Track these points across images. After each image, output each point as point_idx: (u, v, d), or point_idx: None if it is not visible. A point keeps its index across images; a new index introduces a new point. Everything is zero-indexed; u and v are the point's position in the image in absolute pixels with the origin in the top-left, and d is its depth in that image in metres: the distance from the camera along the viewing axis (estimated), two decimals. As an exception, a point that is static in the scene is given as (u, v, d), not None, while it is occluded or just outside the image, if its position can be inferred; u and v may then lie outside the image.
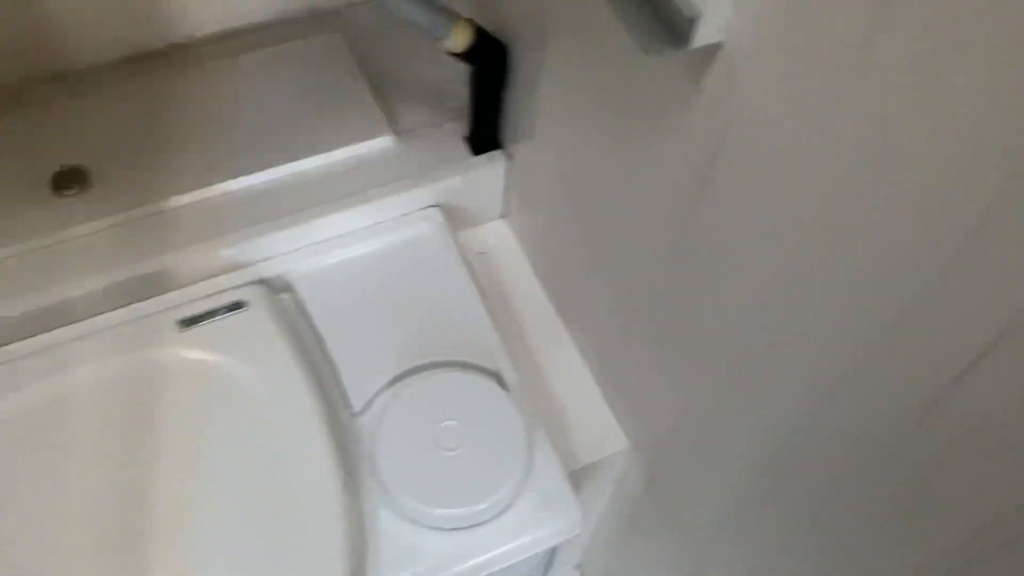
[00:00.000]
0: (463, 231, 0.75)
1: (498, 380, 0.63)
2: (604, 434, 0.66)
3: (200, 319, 0.61)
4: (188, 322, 0.61)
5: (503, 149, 0.71)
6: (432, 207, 0.71)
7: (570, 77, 0.55)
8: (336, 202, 0.67)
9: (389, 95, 0.74)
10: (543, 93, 0.60)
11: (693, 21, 0.37)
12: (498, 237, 0.76)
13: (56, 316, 0.61)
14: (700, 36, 0.37)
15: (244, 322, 0.62)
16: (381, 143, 0.70)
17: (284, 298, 0.66)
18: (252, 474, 0.56)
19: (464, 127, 0.71)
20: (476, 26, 0.60)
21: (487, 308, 0.67)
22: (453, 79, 0.74)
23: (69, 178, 0.66)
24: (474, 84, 0.66)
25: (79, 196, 0.66)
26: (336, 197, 0.67)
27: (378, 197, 0.68)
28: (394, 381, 0.63)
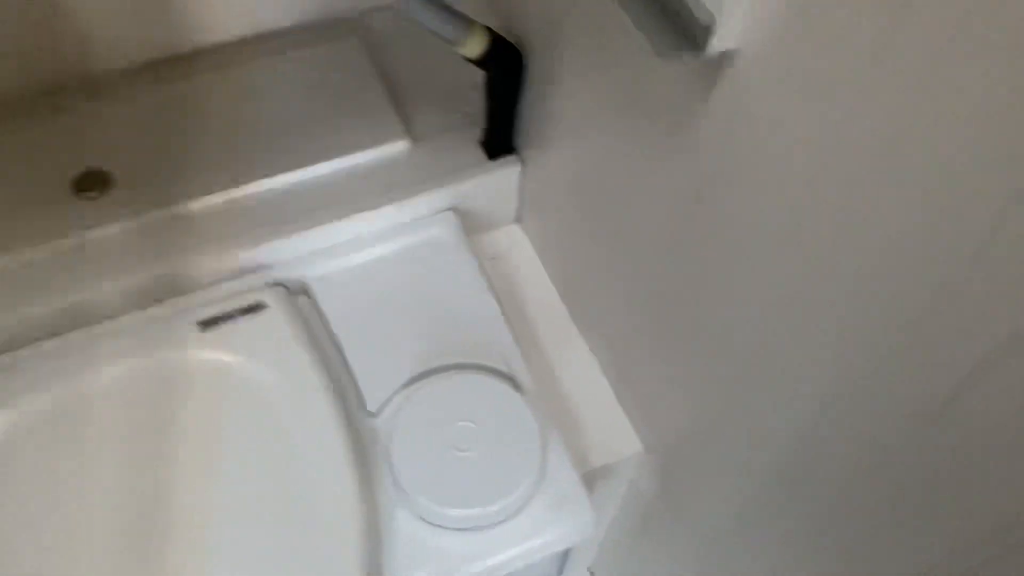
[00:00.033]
0: (478, 235, 0.75)
1: (512, 382, 0.63)
2: (617, 436, 0.66)
3: (219, 320, 0.62)
4: (208, 323, 0.62)
5: (517, 154, 0.72)
6: (447, 211, 0.71)
7: (584, 83, 0.56)
8: (353, 206, 0.68)
9: (405, 100, 0.74)
10: (557, 98, 0.61)
11: (709, 28, 0.37)
12: (512, 241, 0.77)
13: (79, 316, 0.62)
14: (715, 43, 0.38)
15: (262, 324, 0.62)
16: (397, 147, 0.71)
17: (301, 300, 0.67)
18: (269, 472, 0.57)
19: (479, 132, 0.72)
20: (492, 32, 0.61)
21: (501, 311, 0.67)
22: (468, 85, 0.75)
23: (91, 181, 0.68)
24: (489, 89, 0.67)
25: (101, 199, 0.67)
26: (353, 201, 0.68)
27: (394, 201, 0.68)
28: (409, 383, 0.64)
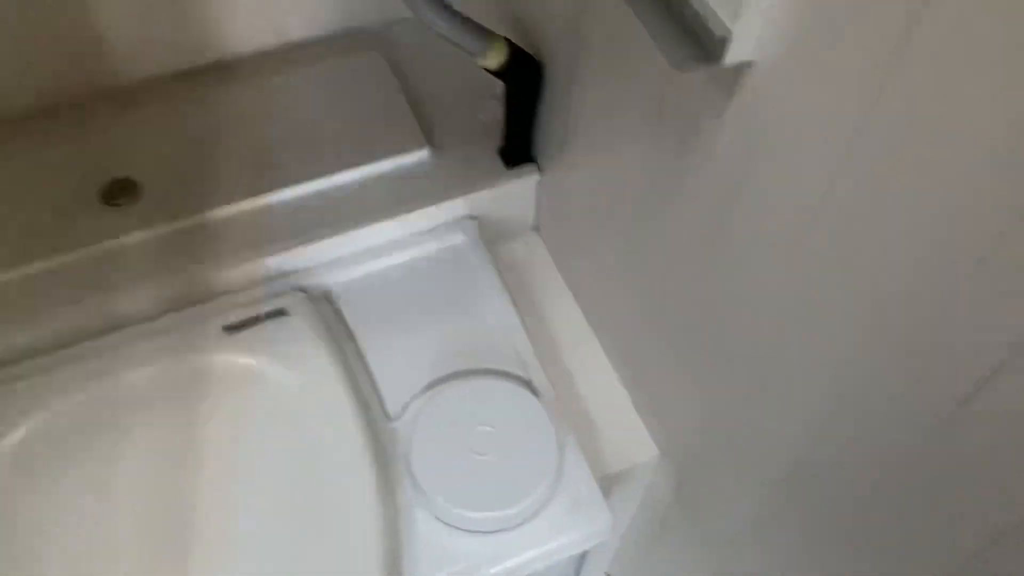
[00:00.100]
0: (496, 242, 0.77)
1: (530, 387, 0.64)
2: (633, 441, 0.67)
3: (244, 325, 0.63)
4: (233, 328, 0.63)
5: (536, 163, 0.73)
6: (467, 218, 0.73)
7: (601, 93, 0.57)
8: (374, 214, 0.69)
9: (426, 110, 0.76)
10: (575, 108, 0.62)
11: (724, 40, 0.38)
12: (530, 248, 0.78)
13: (108, 321, 0.64)
14: (731, 55, 0.38)
15: (286, 329, 0.64)
16: (418, 156, 0.72)
17: (324, 306, 0.68)
18: (291, 473, 0.58)
19: (498, 141, 0.73)
20: (511, 44, 0.62)
21: (519, 317, 0.68)
22: (488, 95, 0.76)
23: (120, 190, 0.69)
24: (508, 100, 0.68)
25: (129, 207, 0.68)
26: (374, 209, 0.69)
27: (415, 209, 0.70)
28: (429, 387, 0.65)
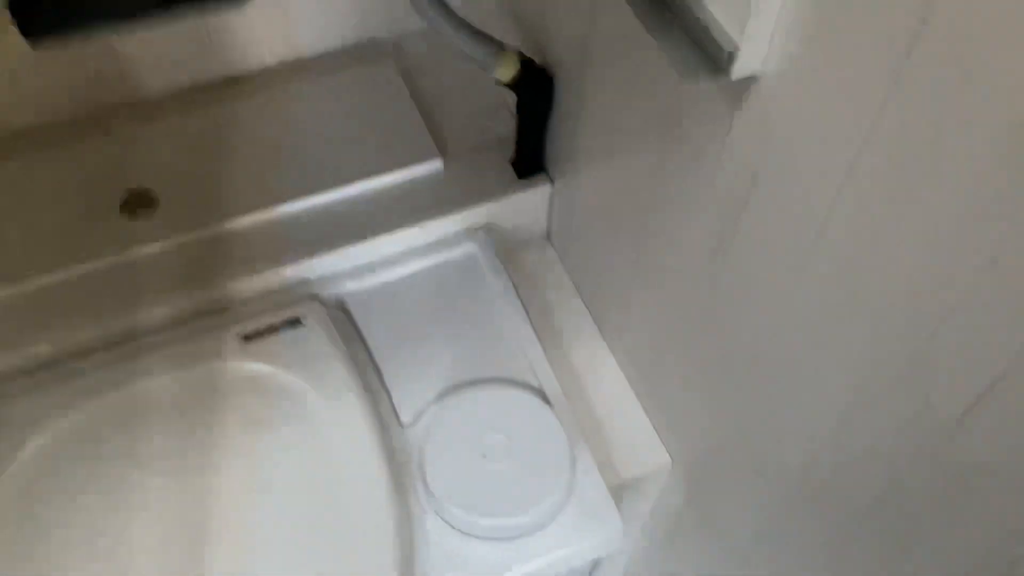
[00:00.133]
0: (509, 252, 0.77)
1: (542, 396, 0.65)
2: (645, 449, 0.67)
3: (260, 334, 0.64)
4: (249, 336, 0.64)
5: (547, 173, 0.74)
6: (479, 228, 0.73)
7: (612, 104, 0.58)
8: (388, 224, 0.70)
9: (439, 122, 0.77)
10: (586, 119, 0.62)
11: (732, 55, 0.39)
12: (542, 258, 0.78)
13: (128, 329, 0.65)
14: (738, 68, 0.39)
15: (301, 337, 0.65)
16: (431, 167, 0.73)
17: (338, 315, 0.69)
18: (306, 480, 0.59)
19: (510, 152, 0.74)
20: (523, 57, 0.63)
21: (531, 325, 0.69)
22: (500, 106, 0.77)
23: (138, 201, 0.71)
24: (520, 111, 0.69)
25: (148, 218, 0.70)
26: (388, 219, 0.70)
27: (428, 219, 0.71)
28: (442, 396, 0.65)
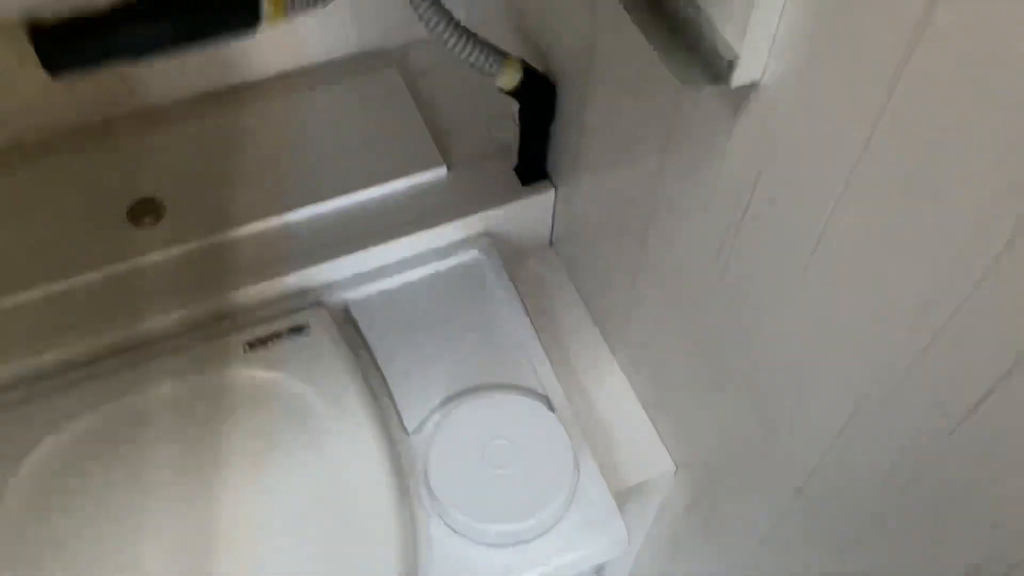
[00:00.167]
0: (512, 258, 0.77)
1: (546, 402, 0.65)
2: (649, 455, 0.68)
3: (265, 341, 0.65)
4: (254, 344, 0.64)
5: (551, 179, 0.74)
6: (482, 235, 0.74)
7: (613, 112, 0.58)
8: (392, 230, 0.70)
9: (443, 129, 0.77)
10: (589, 126, 0.63)
11: (732, 63, 0.39)
12: (546, 264, 0.79)
13: (134, 337, 0.65)
14: (737, 76, 0.39)
15: (306, 344, 0.65)
16: (435, 174, 0.74)
17: (343, 322, 0.69)
18: (312, 487, 0.59)
19: (513, 159, 0.74)
20: (526, 65, 0.64)
21: (535, 332, 0.69)
22: (503, 114, 0.77)
23: (145, 209, 0.71)
24: (523, 118, 0.69)
25: (154, 226, 0.70)
26: (392, 226, 0.71)
27: (432, 226, 0.71)
28: (446, 402, 0.66)
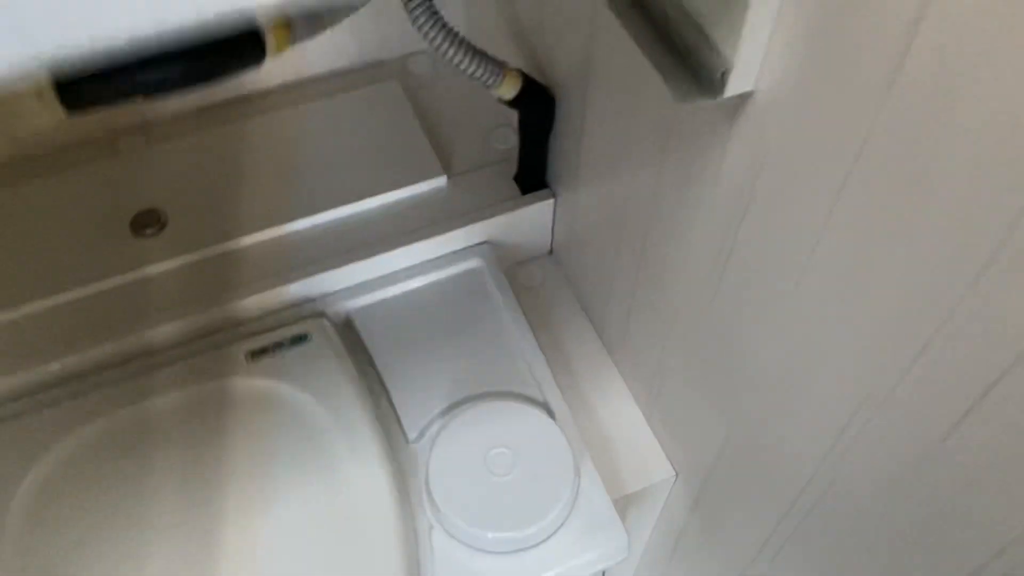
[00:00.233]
0: (513, 266, 0.78)
1: (546, 409, 0.66)
2: (649, 462, 0.68)
3: (267, 351, 0.65)
4: (256, 353, 0.65)
5: (550, 188, 0.75)
6: (483, 244, 0.74)
7: (612, 121, 0.58)
8: (393, 240, 0.71)
9: (443, 139, 0.78)
10: (587, 136, 0.63)
11: (725, 74, 0.40)
12: (546, 272, 0.79)
13: (134, 349, 0.66)
14: (731, 87, 0.40)
15: (307, 353, 0.65)
16: (435, 184, 0.74)
17: (345, 331, 0.70)
18: (313, 495, 0.60)
19: (513, 168, 0.75)
20: (524, 75, 0.64)
21: (536, 340, 0.70)
22: (502, 123, 0.78)
23: (148, 220, 0.72)
24: (522, 128, 0.70)
25: (157, 237, 0.71)
26: (393, 235, 0.71)
27: (432, 235, 0.71)
28: (447, 410, 0.66)
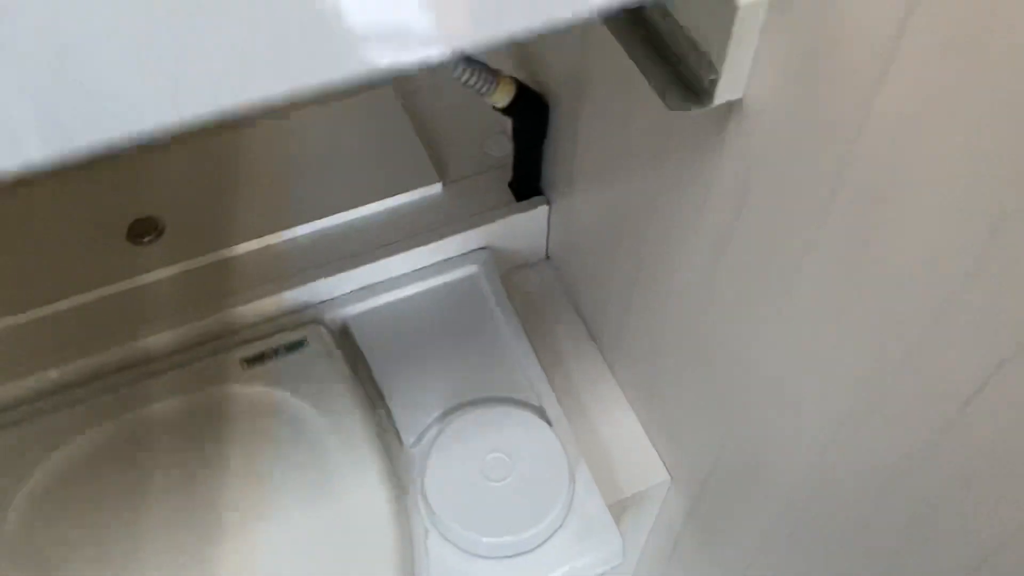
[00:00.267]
0: (508, 272, 0.78)
1: (542, 414, 0.66)
2: (645, 466, 0.68)
3: (263, 357, 0.65)
4: (252, 360, 0.65)
5: (545, 195, 0.75)
6: (479, 250, 0.75)
7: (605, 128, 0.59)
8: (389, 247, 0.71)
9: (438, 146, 0.78)
10: (581, 143, 0.64)
11: (714, 82, 0.40)
12: (541, 278, 0.80)
13: (131, 356, 0.66)
14: (719, 95, 0.40)
15: (303, 360, 0.66)
16: (431, 191, 0.75)
17: (341, 337, 0.70)
18: (310, 500, 0.60)
19: (508, 175, 0.75)
20: (518, 83, 0.65)
21: (531, 346, 0.70)
22: (497, 130, 0.78)
23: (144, 228, 0.72)
24: (516, 135, 0.70)
25: (153, 244, 0.71)
26: (389, 242, 0.72)
27: (428, 241, 0.72)
28: (443, 416, 0.66)
